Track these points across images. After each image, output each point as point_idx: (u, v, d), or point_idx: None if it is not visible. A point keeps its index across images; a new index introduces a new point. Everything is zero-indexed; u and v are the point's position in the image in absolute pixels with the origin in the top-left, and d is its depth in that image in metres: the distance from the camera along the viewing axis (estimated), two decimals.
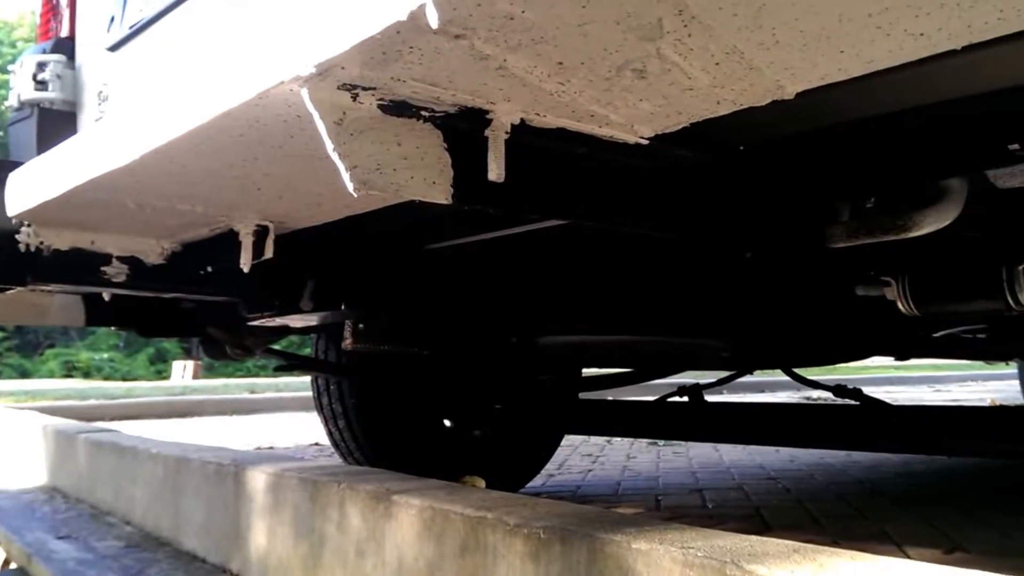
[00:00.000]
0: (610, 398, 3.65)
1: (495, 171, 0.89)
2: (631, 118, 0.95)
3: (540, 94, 0.86)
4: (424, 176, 0.86)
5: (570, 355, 2.66)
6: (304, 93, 0.80)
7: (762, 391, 9.42)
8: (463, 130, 0.89)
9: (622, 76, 0.83)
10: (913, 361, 3.67)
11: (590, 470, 4.08)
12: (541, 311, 1.94)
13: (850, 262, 1.55)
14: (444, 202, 0.88)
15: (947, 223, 1.16)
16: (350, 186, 0.83)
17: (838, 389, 2.64)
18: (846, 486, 3.63)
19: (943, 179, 1.15)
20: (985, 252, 1.29)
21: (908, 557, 2.40)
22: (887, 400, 2.83)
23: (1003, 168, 1.10)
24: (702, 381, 3.08)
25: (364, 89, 0.80)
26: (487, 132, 0.89)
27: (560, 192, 1.00)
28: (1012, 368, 6.01)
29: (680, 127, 0.98)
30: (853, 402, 2.67)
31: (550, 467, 3.96)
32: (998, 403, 7.16)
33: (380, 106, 0.82)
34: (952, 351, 3.53)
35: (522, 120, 0.91)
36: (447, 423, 3.07)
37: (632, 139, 1.00)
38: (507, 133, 0.90)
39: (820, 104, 0.97)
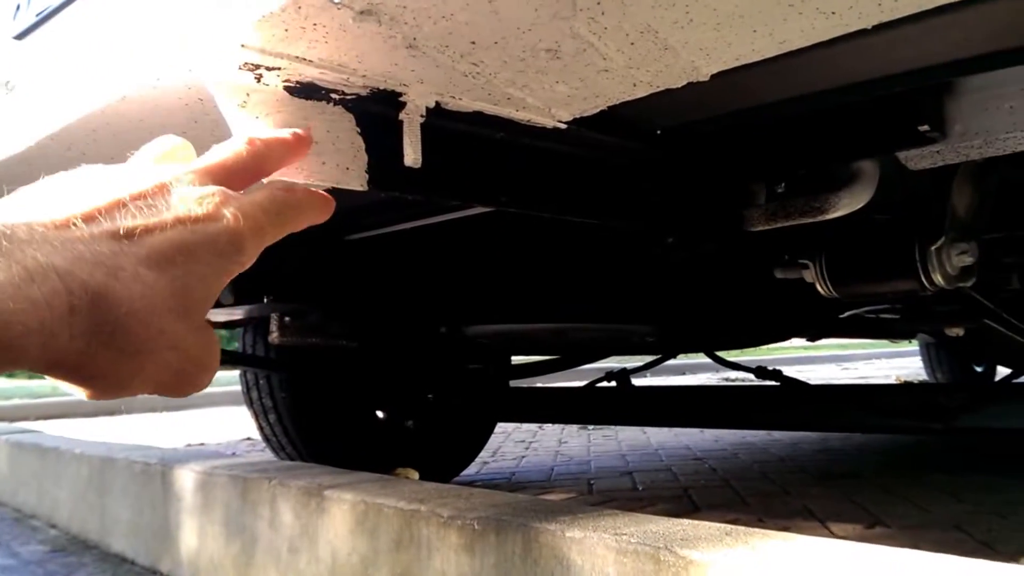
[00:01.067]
0: (540, 385, 3.63)
1: (411, 156, 0.85)
2: (548, 101, 0.91)
3: (454, 76, 0.82)
4: (337, 162, 0.82)
5: (499, 343, 2.64)
6: (203, 74, 0.74)
7: (683, 373, 9.51)
8: (376, 113, 0.85)
9: (536, 57, 0.80)
10: (821, 340, 3.73)
11: (523, 456, 4.07)
12: (469, 300, 1.90)
13: (769, 245, 1.54)
14: (359, 189, 0.83)
15: (862, 205, 1.16)
16: None
17: (759, 371, 2.66)
18: (769, 464, 3.67)
19: (856, 161, 1.15)
20: (899, 233, 1.29)
21: (831, 533, 2.43)
22: (802, 380, 2.87)
23: (914, 149, 1.10)
24: (629, 366, 3.08)
25: (268, 69, 0.75)
26: (402, 116, 0.85)
27: (479, 178, 0.96)
28: (914, 345, 6.16)
29: (598, 110, 0.95)
30: (774, 383, 2.69)
31: (484, 455, 3.94)
32: (903, 379, 7.36)
33: (287, 88, 0.78)
34: (859, 331, 3.59)
35: (437, 103, 0.87)
36: (380, 415, 3.03)
37: (550, 123, 0.97)
38: (422, 116, 0.86)
39: (736, 86, 0.95)
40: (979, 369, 5.74)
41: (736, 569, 1.12)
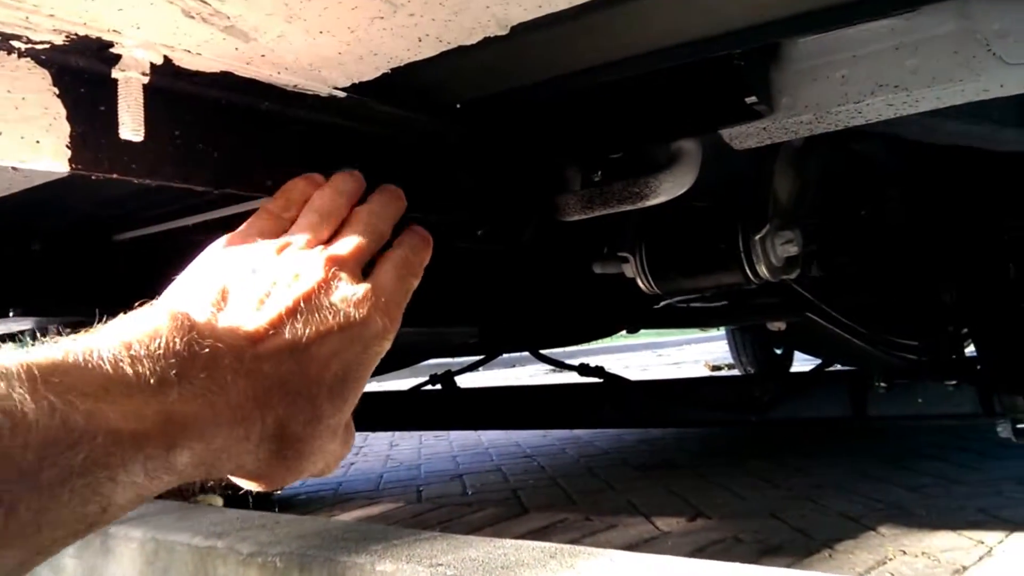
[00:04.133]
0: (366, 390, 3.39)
1: (130, 127, 0.62)
2: (316, 60, 0.70)
3: (180, 19, 0.60)
4: (23, 132, 0.58)
5: None
6: None
7: (513, 366, 9.41)
8: (82, 70, 0.61)
9: None
10: None
11: (352, 463, 3.81)
12: None
13: (587, 238, 1.39)
14: (58, 170, 0.60)
15: (685, 190, 1.00)
16: None
17: (582, 368, 2.54)
18: (595, 458, 3.57)
19: (677, 140, 0.99)
20: (722, 222, 1.15)
21: (657, 528, 2.33)
22: (623, 372, 2.76)
23: (739, 126, 0.95)
24: (455, 366, 2.90)
25: None
26: (115, 73, 0.62)
27: (233, 159, 0.73)
28: (721, 331, 6.27)
29: (379, 73, 0.75)
30: (597, 379, 2.57)
31: None
32: (711, 364, 7.56)
33: None
34: (678, 321, 3.55)
35: (167, 59, 0.64)
36: None
37: (324, 90, 0.76)
38: (146, 75, 0.63)
39: (541, 49, 0.77)
40: (778, 352, 5.90)
41: None
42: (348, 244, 0.62)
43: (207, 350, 0.50)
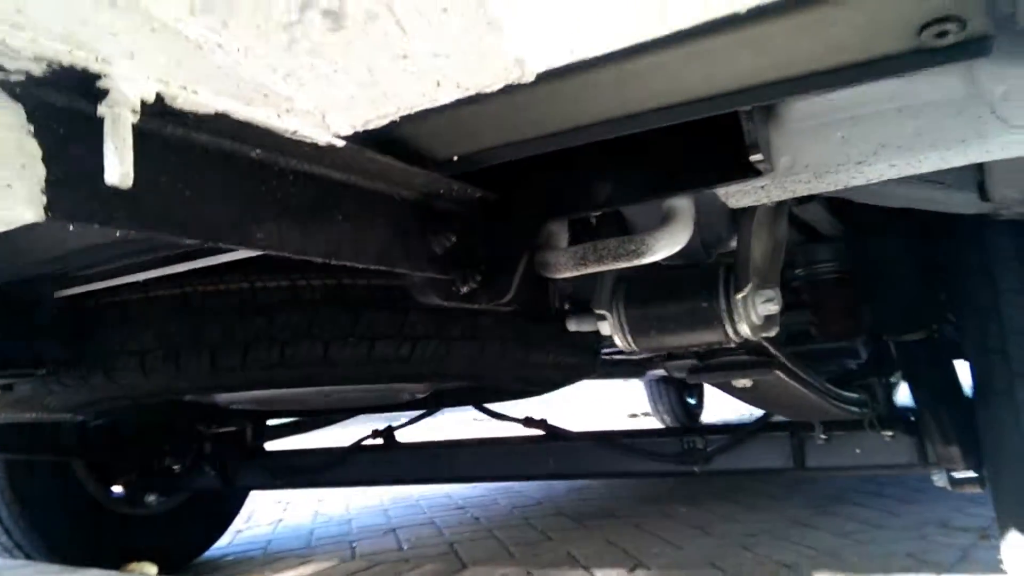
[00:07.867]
0: (299, 447, 3.21)
1: (117, 170, 0.52)
2: (324, 103, 0.61)
3: (184, 52, 0.50)
4: None
5: (254, 408, 2.24)
6: None
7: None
8: (63, 107, 0.51)
9: (311, 24, 0.50)
10: None
11: (280, 519, 3.61)
12: (211, 367, 1.50)
13: (563, 293, 1.32)
14: (29, 217, 0.50)
15: (680, 247, 0.94)
16: None
17: (527, 421, 2.45)
18: (529, 508, 3.47)
19: (675, 196, 0.93)
20: (704, 280, 1.09)
21: None
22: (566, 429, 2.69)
23: (737, 184, 0.89)
24: (395, 421, 2.77)
25: None
26: (102, 110, 0.52)
27: (222, 209, 0.64)
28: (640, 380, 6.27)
29: (387, 121, 0.66)
30: (540, 431, 2.49)
31: (238, 521, 3.45)
32: (638, 414, 7.56)
33: None
34: (602, 374, 3.51)
35: (159, 95, 0.54)
36: (119, 490, 2.51)
37: (324, 137, 0.67)
38: (136, 113, 0.53)
39: (560, 101, 0.70)
40: (692, 401, 5.95)
41: None
42: None
43: None
